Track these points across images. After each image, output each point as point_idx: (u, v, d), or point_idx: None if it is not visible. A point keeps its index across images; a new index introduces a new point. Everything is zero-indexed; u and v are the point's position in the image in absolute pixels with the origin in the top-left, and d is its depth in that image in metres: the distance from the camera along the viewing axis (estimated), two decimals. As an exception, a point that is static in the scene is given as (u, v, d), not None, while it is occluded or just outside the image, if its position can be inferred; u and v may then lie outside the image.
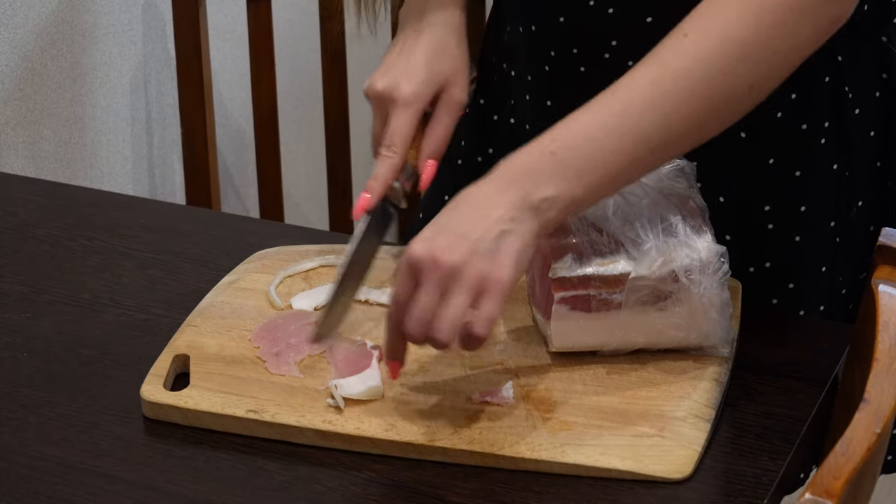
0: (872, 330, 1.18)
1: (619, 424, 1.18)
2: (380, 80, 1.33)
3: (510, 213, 1.14)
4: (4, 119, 1.93)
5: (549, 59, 1.42)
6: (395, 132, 1.31)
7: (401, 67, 1.33)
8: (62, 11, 2.00)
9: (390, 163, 1.30)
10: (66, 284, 1.43)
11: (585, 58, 1.39)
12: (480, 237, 1.13)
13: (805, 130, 1.37)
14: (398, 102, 1.31)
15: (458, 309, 1.12)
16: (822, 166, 1.38)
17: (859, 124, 1.39)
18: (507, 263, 1.13)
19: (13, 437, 1.22)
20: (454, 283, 1.12)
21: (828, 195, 1.39)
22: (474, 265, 1.12)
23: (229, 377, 1.24)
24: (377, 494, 1.14)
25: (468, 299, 1.12)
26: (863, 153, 1.40)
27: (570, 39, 1.40)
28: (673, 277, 1.20)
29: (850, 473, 1.03)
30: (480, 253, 1.12)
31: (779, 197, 1.38)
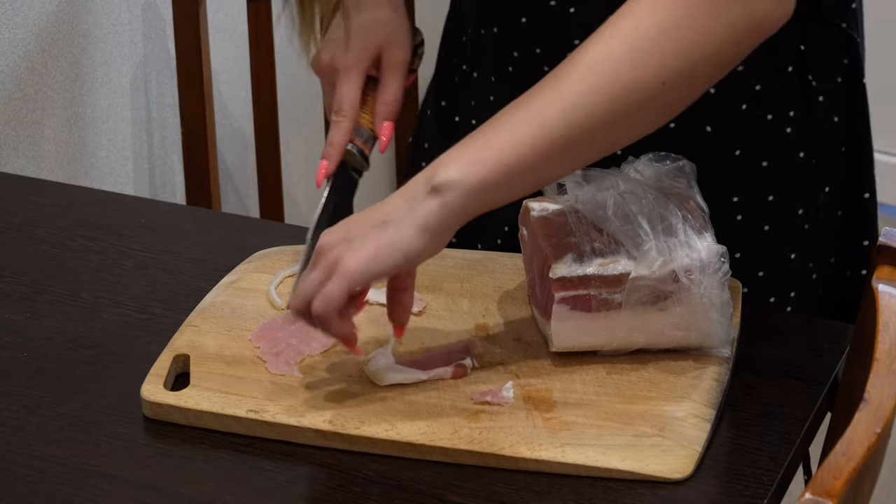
0: (872, 330, 1.18)
1: (620, 424, 1.18)
2: (322, 53, 1.39)
3: (402, 205, 1.17)
4: (5, 119, 1.93)
5: (513, 60, 1.43)
6: (341, 98, 1.37)
7: (338, 38, 1.39)
8: (62, 11, 2.00)
9: (342, 127, 1.36)
10: (66, 284, 1.43)
11: (549, 57, 1.40)
12: (358, 229, 1.17)
13: (771, 121, 1.38)
14: (340, 70, 1.37)
15: (308, 284, 1.18)
16: (789, 155, 1.39)
17: (824, 111, 1.40)
18: (364, 253, 1.16)
19: (13, 436, 1.22)
20: (317, 260, 1.18)
21: (796, 184, 1.40)
22: (335, 250, 1.17)
23: (229, 377, 1.25)
24: (377, 494, 1.14)
25: (320, 278, 1.17)
26: (829, 140, 1.41)
27: (532, 40, 1.41)
28: (673, 277, 1.20)
29: (850, 473, 1.03)
30: (348, 241, 1.17)
31: (747, 188, 1.39)
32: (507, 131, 1.16)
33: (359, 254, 1.16)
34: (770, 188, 1.40)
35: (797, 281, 1.43)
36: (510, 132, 1.16)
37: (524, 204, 1.30)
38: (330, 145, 1.36)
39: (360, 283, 1.17)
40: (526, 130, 1.16)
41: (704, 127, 1.36)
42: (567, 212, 1.27)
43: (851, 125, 1.42)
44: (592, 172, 1.28)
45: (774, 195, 1.40)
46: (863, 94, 1.43)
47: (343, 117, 1.37)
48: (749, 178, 1.39)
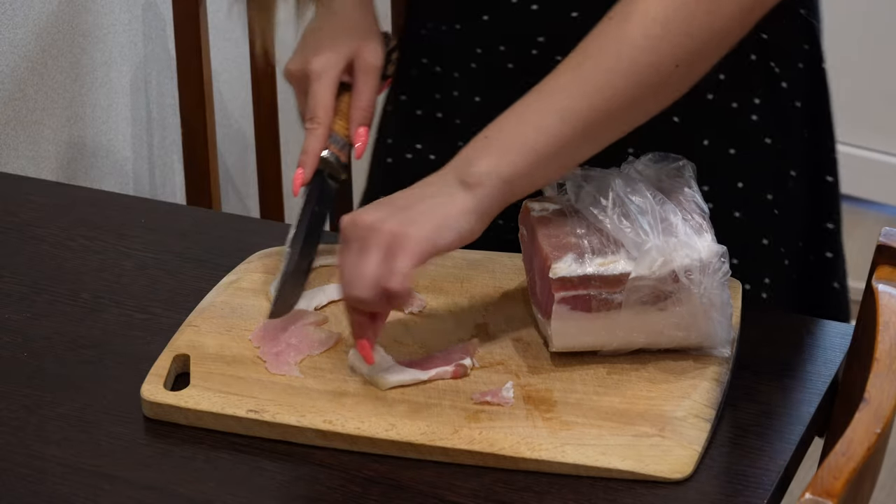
0: (872, 330, 1.18)
1: (620, 424, 1.18)
2: (292, 61, 1.38)
3: (444, 187, 1.19)
4: (5, 119, 1.93)
5: (476, 57, 1.44)
6: (315, 104, 1.36)
7: (310, 46, 1.39)
8: (62, 11, 2.00)
9: (316, 134, 1.35)
10: (66, 284, 1.43)
11: (512, 55, 1.41)
12: (405, 204, 1.18)
13: (736, 109, 1.39)
14: (312, 76, 1.36)
15: (371, 265, 1.16)
16: (755, 142, 1.41)
17: (787, 97, 1.42)
18: (425, 222, 1.17)
19: (13, 436, 1.22)
20: (369, 240, 1.16)
21: (764, 170, 1.42)
22: (389, 223, 1.16)
23: (230, 377, 1.25)
24: (377, 494, 1.14)
25: (381, 255, 1.16)
26: (793, 125, 1.43)
27: (495, 37, 1.41)
28: (673, 277, 1.20)
29: (850, 473, 1.03)
30: (400, 215, 1.17)
31: (716, 176, 1.41)
32: (532, 120, 1.20)
33: (422, 225, 1.16)
34: (739, 175, 1.42)
35: (771, 267, 1.45)
36: (535, 121, 1.20)
37: (524, 204, 1.30)
38: (305, 153, 1.35)
39: (428, 257, 1.17)
40: (551, 119, 1.20)
41: (672, 118, 1.38)
42: (567, 212, 1.27)
43: (814, 110, 1.44)
44: (592, 172, 1.28)
45: (744, 182, 1.42)
46: (823, 79, 1.45)
47: (317, 124, 1.35)
48: (718, 167, 1.41)
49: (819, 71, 1.44)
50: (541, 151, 1.20)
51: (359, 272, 1.16)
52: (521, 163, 1.19)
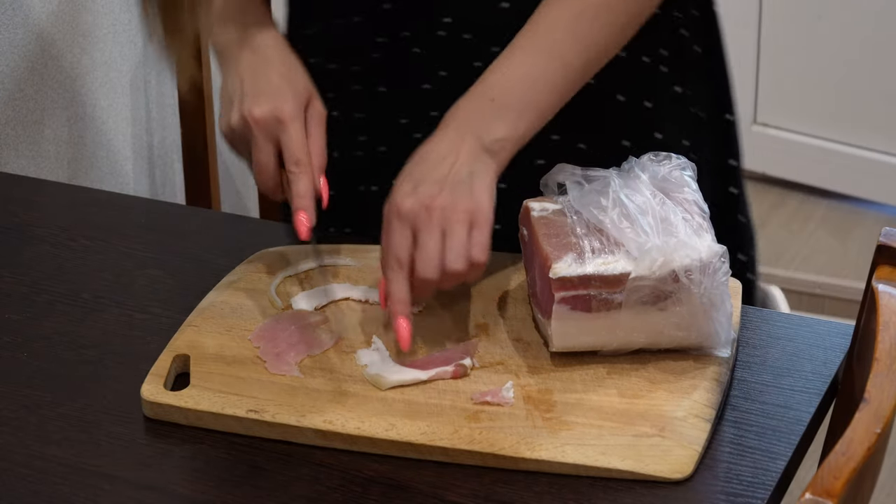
0: (873, 330, 1.18)
1: (620, 424, 1.18)
2: (255, 107, 1.30)
3: (471, 156, 1.26)
4: (5, 119, 1.93)
5: (379, 47, 1.44)
6: (296, 149, 1.30)
7: (269, 91, 1.31)
8: (62, 12, 2.00)
9: (306, 178, 1.31)
10: (66, 284, 1.43)
11: (419, 38, 1.42)
12: (456, 180, 1.24)
13: (646, 63, 1.43)
14: (286, 121, 1.30)
15: (462, 240, 1.23)
16: (667, 93, 1.46)
17: (689, 44, 1.46)
18: (485, 196, 1.24)
19: (13, 436, 1.22)
20: (450, 221, 1.23)
21: (677, 118, 1.47)
22: (461, 203, 1.23)
23: (230, 377, 1.25)
24: (377, 494, 1.14)
25: (466, 231, 1.23)
26: (696, 70, 1.47)
27: (399, 24, 1.42)
28: (673, 277, 1.20)
29: (850, 473, 1.03)
30: (460, 192, 1.24)
31: (635, 129, 1.45)
32: (540, 80, 1.28)
33: (484, 198, 1.24)
34: (655, 126, 1.46)
35: None
36: (544, 80, 1.28)
37: (524, 204, 1.30)
38: (301, 197, 1.30)
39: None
40: (557, 77, 1.28)
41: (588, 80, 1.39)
42: (567, 212, 1.27)
43: (710, 52, 1.49)
44: (592, 173, 1.29)
45: (661, 132, 1.46)
46: (716, 21, 1.49)
47: (304, 168, 1.30)
48: (636, 121, 1.45)
49: (711, 14, 1.48)
50: (548, 108, 1.29)
51: (450, 248, 1.22)
52: (535, 121, 1.28)
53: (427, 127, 1.44)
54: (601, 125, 1.43)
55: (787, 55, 3.18)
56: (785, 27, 3.16)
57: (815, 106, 3.19)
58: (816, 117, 3.19)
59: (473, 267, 1.23)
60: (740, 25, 3.15)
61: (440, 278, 1.23)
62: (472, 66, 1.40)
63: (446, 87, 1.42)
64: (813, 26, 3.13)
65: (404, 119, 1.45)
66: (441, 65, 1.41)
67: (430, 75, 1.42)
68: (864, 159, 3.14)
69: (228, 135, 1.33)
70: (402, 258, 1.24)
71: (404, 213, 1.23)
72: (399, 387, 1.23)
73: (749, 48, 3.18)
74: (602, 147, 1.44)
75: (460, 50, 1.39)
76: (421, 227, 1.23)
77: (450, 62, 1.41)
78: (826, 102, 3.17)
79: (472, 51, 1.40)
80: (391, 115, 1.46)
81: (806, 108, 3.20)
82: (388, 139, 1.47)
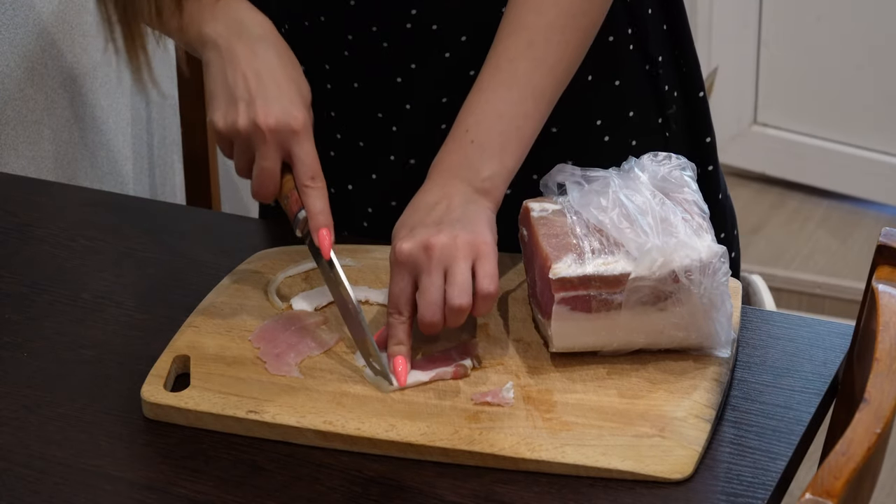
0: (873, 330, 1.18)
1: (620, 424, 1.18)
2: (268, 114, 1.27)
3: (463, 198, 1.26)
4: (5, 119, 1.93)
5: (348, 44, 1.44)
6: (312, 162, 1.28)
7: (279, 96, 1.28)
8: (62, 11, 2.00)
9: (323, 193, 1.29)
10: (66, 284, 1.43)
11: (387, 33, 1.42)
12: (452, 218, 1.24)
13: (613, 42, 1.44)
14: (300, 133, 1.28)
15: (465, 275, 1.22)
16: (635, 71, 1.47)
17: (655, 22, 1.47)
18: (484, 228, 1.25)
19: (13, 436, 1.22)
20: (451, 257, 1.22)
21: (647, 96, 1.48)
22: (460, 237, 1.23)
23: (230, 378, 1.25)
24: (377, 494, 1.14)
25: (469, 264, 1.23)
26: (662, 49, 1.49)
27: (367, 20, 1.42)
28: (673, 278, 1.20)
29: (850, 473, 1.03)
30: (459, 227, 1.24)
31: (606, 109, 1.47)
32: (514, 112, 1.29)
33: (483, 231, 1.24)
34: (627, 105, 1.48)
35: None
36: (517, 112, 1.29)
37: (524, 204, 1.30)
38: (321, 213, 1.28)
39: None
40: (529, 104, 1.30)
41: None
42: (567, 212, 1.27)
43: (676, 31, 1.50)
44: (592, 173, 1.29)
45: (633, 111, 1.47)
46: (680, 1, 1.51)
47: (321, 181, 1.29)
48: (606, 100, 1.47)
49: None
50: (530, 135, 1.30)
51: (453, 284, 1.22)
52: (519, 151, 1.29)
53: (402, 119, 1.44)
54: (572, 106, 1.41)
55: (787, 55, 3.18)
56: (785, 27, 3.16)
57: (815, 106, 3.19)
58: (816, 117, 3.19)
59: (483, 299, 1.23)
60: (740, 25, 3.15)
61: (447, 317, 1.22)
62: (442, 57, 1.40)
63: (417, 78, 1.42)
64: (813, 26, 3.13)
65: (380, 113, 1.46)
66: (411, 57, 1.41)
67: (401, 68, 1.42)
68: (863, 159, 3.14)
69: (225, 133, 1.29)
70: (402, 305, 1.24)
71: (404, 258, 1.23)
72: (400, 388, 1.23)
73: (749, 49, 3.18)
74: (574, 129, 1.45)
75: (428, 41, 1.40)
76: (421, 269, 1.23)
77: (419, 54, 1.41)
78: (826, 102, 3.17)
79: (440, 41, 1.40)
80: (366, 111, 1.46)
81: (806, 108, 3.20)
82: (366, 134, 1.48)
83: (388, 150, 1.47)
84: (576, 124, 1.45)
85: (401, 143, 1.46)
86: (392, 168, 1.47)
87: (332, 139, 1.49)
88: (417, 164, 1.45)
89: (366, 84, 1.45)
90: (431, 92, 1.43)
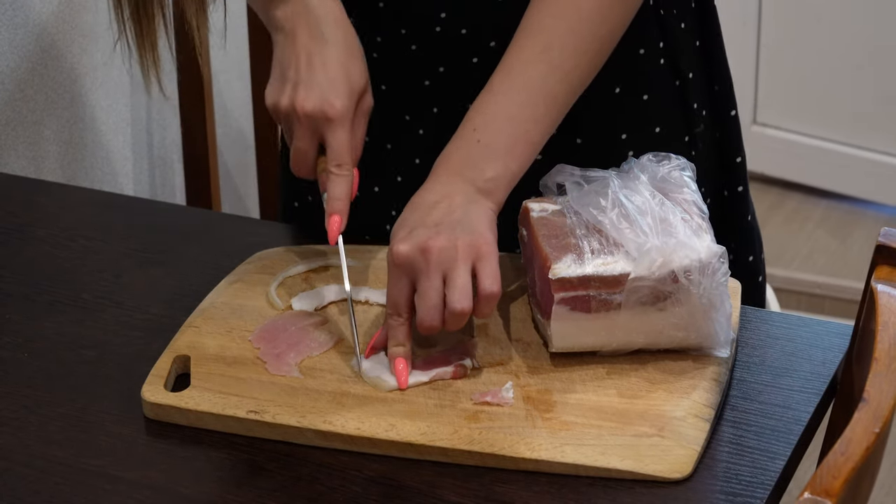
0: (872, 330, 1.18)
1: (619, 424, 1.18)
2: (307, 98, 1.29)
3: (465, 198, 1.25)
4: (5, 119, 1.93)
5: (377, 45, 1.44)
6: (341, 150, 1.30)
7: (324, 82, 1.30)
8: (62, 12, 2.00)
9: (346, 181, 1.30)
10: (66, 285, 1.43)
11: (416, 36, 1.42)
12: (452, 220, 1.23)
13: (643, 55, 1.43)
14: (335, 120, 1.29)
15: (465, 279, 1.21)
16: (665, 86, 1.45)
17: (686, 38, 1.46)
18: (485, 228, 1.24)
19: (14, 436, 1.22)
20: (451, 260, 1.21)
21: (675, 112, 1.46)
22: (460, 239, 1.22)
23: (230, 378, 1.25)
24: (377, 494, 1.14)
25: (469, 267, 1.21)
26: (695, 64, 1.47)
27: (396, 21, 1.42)
28: (672, 278, 1.21)
29: (849, 473, 1.03)
30: (459, 229, 1.22)
31: (632, 123, 1.45)
32: (524, 116, 1.28)
33: (483, 231, 1.23)
34: (654, 120, 1.46)
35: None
36: (527, 115, 1.28)
37: (524, 205, 1.30)
38: (338, 199, 1.30)
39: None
40: (540, 109, 1.28)
41: None
42: (566, 212, 1.27)
43: (709, 48, 1.48)
44: (592, 173, 1.29)
45: (660, 127, 1.45)
46: (715, 16, 1.49)
47: (347, 171, 1.30)
48: (633, 114, 1.45)
49: (709, 7, 1.48)
50: (538, 140, 1.28)
51: (453, 287, 1.20)
52: (525, 155, 1.28)
53: (428, 122, 1.44)
54: (597, 118, 1.42)
55: (786, 56, 3.18)
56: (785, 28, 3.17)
57: (814, 106, 3.19)
58: (816, 118, 3.19)
59: (486, 299, 1.22)
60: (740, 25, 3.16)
61: (447, 320, 1.21)
62: (469, 62, 1.40)
63: (445, 82, 1.42)
64: (812, 27, 3.13)
65: (407, 115, 1.46)
66: (439, 61, 1.41)
67: (429, 71, 1.42)
68: (863, 159, 3.14)
69: (271, 109, 1.33)
70: (400, 307, 1.23)
71: (401, 261, 1.22)
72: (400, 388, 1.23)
73: (749, 49, 3.18)
74: (599, 141, 1.43)
75: (457, 46, 1.40)
76: (419, 272, 1.21)
77: (447, 58, 1.41)
78: (825, 103, 3.17)
79: (469, 46, 1.40)
80: (394, 112, 1.46)
81: (805, 108, 3.20)
82: (393, 136, 1.47)
83: (413, 153, 1.46)
84: (600, 136, 1.43)
85: (426, 147, 1.45)
86: (417, 171, 1.46)
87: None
88: None
89: (394, 86, 1.45)
90: (458, 96, 1.41)
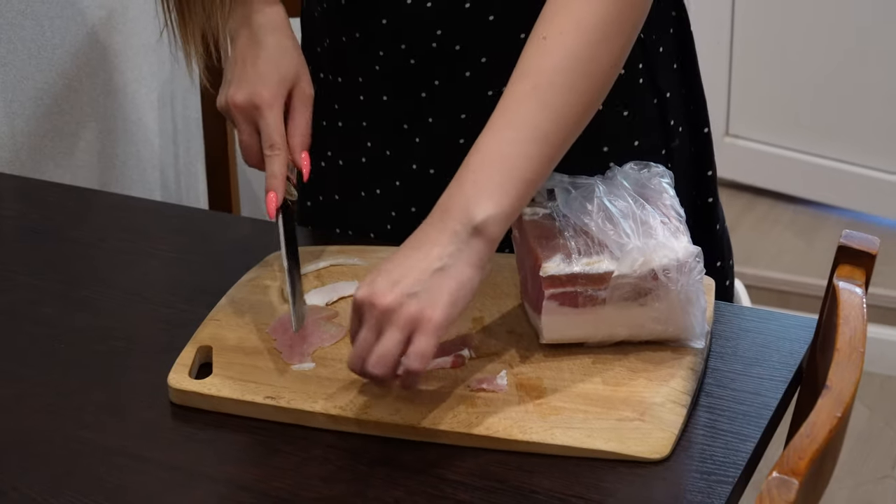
0: (834, 323, 1.18)
1: (604, 409, 1.18)
2: (237, 93, 1.32)
3: (449, 247, 1.15)
4: (43, 131, 1.93)
5: (379, 59, 1.43)
6: (271, 133, 1.32)
7: (252, 77, 1.32)
8: (96, 33, 2.00)
9: (279, 160, 1.32)
10: (99, 282, 1.43)
11: (414, 50, 1.41)
12: (416, 279, 1.14)
13: (624, 76, 1.40)
14: (262, 108, 1.31)
15: (391, 346, 1.13)
16: (644, 103, 1.43)
17: (665, 61, 1.44)
18: (442, 303, 1.13)
19: (52, 421, 1.22)
20: (388, 322, 1.13)
21: (653, 127, 1.45)
22: (408, 306, 1.13)
23: (248, 367, 1.25)
24: (383, 474, 1.14)
25: (400, 337, 1.13)
26: (673, 84, 1.46)
27: (396, 37, 1.41)
28: (653, 276, 1.20)
29: (813, 454, 1.03)
30: (416, 294, 1.13)
31: (614, 137, 1.42)
32: (516, 153, 1.18)
33: (438, 305, 1.12)
34: (634, 134, 1.44)
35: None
36: (519, 153, 1.18)
37: (517, 209, 1.29)
38: (273, 177, 1.31)
39: (445, 330, 1.14)
40: (532, 147, 1.18)
41: None
42: (556, 216, 1.27)
43: (686, 70, 1.47)
44: (579, 180, 1.29)
45: (639, 140, 1.44)
46: (690, 41, 1.48)
47: (278, 150, 1.31)
48: (614, 127, 1.42)
49: (687, 34, 1.47)
50: (531, 178, 1.18)
51: (376, 350, 1.14)
52: (519, 194, 1.17)
53: (425, 131, 1.44)
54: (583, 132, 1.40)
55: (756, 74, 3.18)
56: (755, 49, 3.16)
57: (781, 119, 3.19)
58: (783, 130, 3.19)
59: (405, 372, 1.14)
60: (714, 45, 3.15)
61: (362, 375, 1.16)
62: (463, 76, 1.40)
63: (440, 94, 1.42)
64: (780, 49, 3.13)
65: (405, 125, 1.46)
66: (435, 74, 1.41)
67: (426, 84, 1.42)
68: (827, 168, 3.14)
69: (219, 111, 1.35)
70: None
71: (356, 304, 1.16)
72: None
73: (722, 67, 3.18)
74: (581, 152, 1.41)
75: (451, 60, 1.39)
76: (363, 319, 1.15)
77: (442, 72, 1.41)
78: (792, 116, 3.17)
79: (462, 61, 1.40)
80: (393, 122, 1.46)
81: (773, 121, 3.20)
82: (392, 143, 1.47)
83: (411, 159, 1.46)
84: (583, 149, 1.38)
85: (423, 154, 1.45)
86: (414, 177, 1.46)
87: (363, 147, 1.49)
88: (437, 174, 1.44)
89: (394, 97, 1.45)
90: (452, 108, 1.41)
